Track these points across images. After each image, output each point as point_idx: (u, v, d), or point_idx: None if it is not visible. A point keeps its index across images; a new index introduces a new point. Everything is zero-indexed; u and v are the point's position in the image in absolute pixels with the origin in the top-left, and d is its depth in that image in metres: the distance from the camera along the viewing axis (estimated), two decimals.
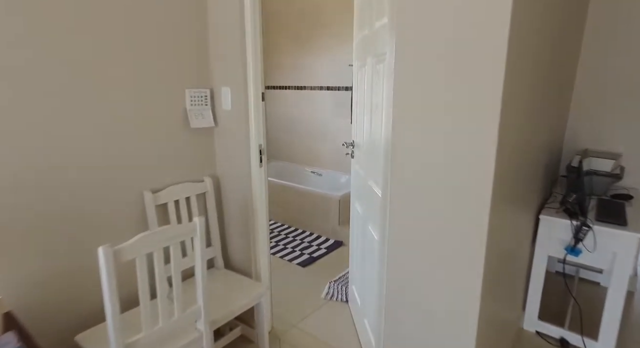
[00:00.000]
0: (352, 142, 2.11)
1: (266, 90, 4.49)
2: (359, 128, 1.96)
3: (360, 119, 1.93)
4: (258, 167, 1.84)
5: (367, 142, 1.79)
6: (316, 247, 3.23)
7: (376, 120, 1.59)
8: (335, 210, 3.29)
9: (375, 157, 1.63)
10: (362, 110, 1.86)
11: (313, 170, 4.20)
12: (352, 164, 2.15)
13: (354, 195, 2.13)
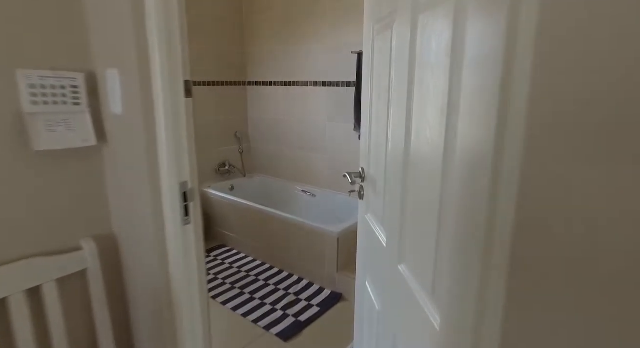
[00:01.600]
0: (360, 173, 1.21)
1: (246, 86, 3.59)
2: (377, 148, 1.06)
3: (378, 132, 1.02)
4: (180, 225, 0.94)
5: (396, 178, 0.88)
6: (305, 302, 2.32)
7: (435, 138, 0.68)
8: (332, 252, 2.38)
9: (429, 214, 0.72)
10: (386, 114, 0.95)
11: (305, 189, 3.29)
12: (361, 210, 1.25)
13: (365, 267, 1.22)
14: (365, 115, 1.17)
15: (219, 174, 3.47)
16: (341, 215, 3.01)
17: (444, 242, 0.61)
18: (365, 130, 1.18)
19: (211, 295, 2.40)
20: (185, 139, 0.91)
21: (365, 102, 1.15)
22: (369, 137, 1.13)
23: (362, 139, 1.21)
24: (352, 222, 2.46)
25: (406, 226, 0.80)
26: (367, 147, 1.15)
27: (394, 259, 0.86)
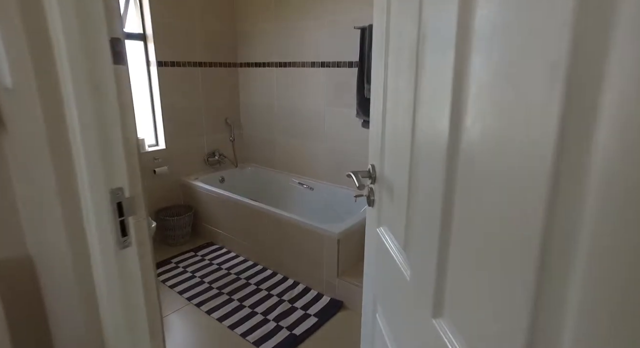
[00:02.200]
0: (369, 171, 0.91)
1: (237, 68, 3.26)
2: (395, 140, 0.76)
3: (398, 120, 0.73)
4: (112, 249, 0.65)
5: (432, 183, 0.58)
6: (301, 312, 2.06)
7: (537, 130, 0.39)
8: (331, 254, 2.10)
9: (507, 250, 0.43)
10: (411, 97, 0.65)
11: (301, 181, 3.00)
12: (370, 220, 0.95)
13: (375, 296, 0.93)
14: (377, 100, 0.88)
15: (207, 164, 3.17)
16: (341, 211, 2.73)
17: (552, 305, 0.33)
18: (376, 118, 0.89)
19: (195, 302, 2.13)
20: (118, 126, 0.62)
21: (377, 84, 0.86)
22: (382, 127, 0.84)
23: (372, 130, 0.92)
24: (354, 220, 2.18)
25: (452, 261, 0.51)
26: (378, 139, 0.86)
27: (425, 306, 0.57)
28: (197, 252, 2.73)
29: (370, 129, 0.93)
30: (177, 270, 2.47)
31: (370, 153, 0.93)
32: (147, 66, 2.72)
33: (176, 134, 2.91)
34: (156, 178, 2.82)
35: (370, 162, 0.94)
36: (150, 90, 2.78)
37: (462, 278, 0.49)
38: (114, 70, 0.60)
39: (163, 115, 2.80)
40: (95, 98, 0.58)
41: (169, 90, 2.79)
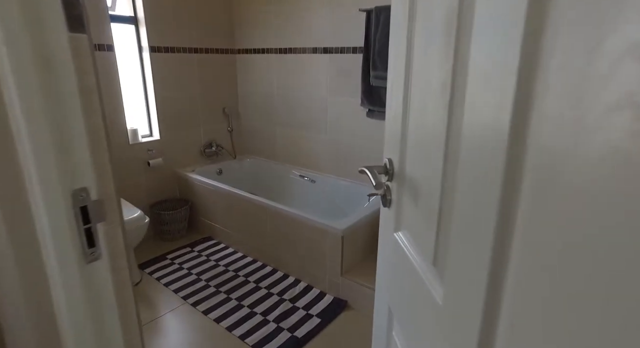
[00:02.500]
0: (386, 166, 0.79)
1: (235, 54, 3.11)
2: (420, 130, 0.64)
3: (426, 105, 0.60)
4: (75, 263, 0.52)
5: (483, 183, 0.46)
6: (303, 312, 1.95)
7: None
8: (335, 252, 1.99)
9: None
10: (448, 77, 0.52)
11: (303, 173, 2.87)
12: (385, 222, 0.83)
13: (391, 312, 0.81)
14: (397, 86, 0.75)
15: (204, 156, 3.04)
16: (344, 205, 2.61)
17: None
18: (395, 106, 0.76)
19: (191, 301, 2.02)
20: (78, 113, 0.49)
21: (397, 67, 0.73)
22: (403, 116, 0.70)
23: (390, 119, 0.79)
24: (359, 216, 2.06)
25: (510, 290, 0.38)
26: (397, 130, 0.73)
27: (465, 341, 0.45)
28: (193, 248, 2.61)
29: (387, 118, 0.80)
30: (172, 267, 2.36)
31: (387, 145, 0.80)
32: (139, 52, 2.57)
33: (171, 124, 2.77)
34: (150, 171, 2.70)
35: (386, 155, 0.81)
36: (143, 78, 2.64)
37: (522, 312, 0.37)
38: (70, 41, 0.47)
39: (157, 104, 2.66)
40: (44, 76, 0.45)
41: (163, 78, 2.65)
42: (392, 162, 0.77)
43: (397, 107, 0.73)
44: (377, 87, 2.28)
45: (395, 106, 0.74)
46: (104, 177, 0.55)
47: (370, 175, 0.72)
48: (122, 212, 1.81)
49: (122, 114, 2.46)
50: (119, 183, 2.51)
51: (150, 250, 2.57)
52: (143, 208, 2.67)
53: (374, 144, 2.44)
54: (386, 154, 0.81)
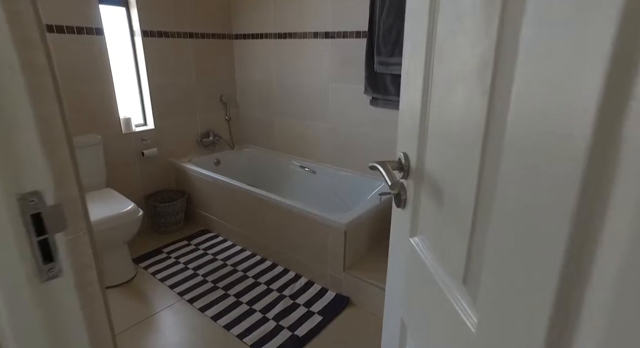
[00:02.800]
0: (400, 162, 0.68)
1: (232, 40, 2.97)
2: (444, 119, 0.53)
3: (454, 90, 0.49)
4: (27, 286, 0.43)
5: (531, 195, 0.36)
6: (304, 309, 1.87)
7: None
8: (337, 247, 1.90)
9: None
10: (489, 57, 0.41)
11: (303, 164, 2.77)
12: (399, 225, 0.73)
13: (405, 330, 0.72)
14: (416, 71, 0.64)
15: (201, 145, 2.94)
16: (346, 197, 2.52)
17: None
18: (411, 94, 0.65)
19: (188, 298, 1.94)
20: (21, 94, 0.39)
21: (416, 50, 0.62)
22: (422, 103, 0.60)
23: (405, 108, 0.68)
24: (362, 209, 1.96)
25: (584, 330, 0.29)
26: (416, 120, 0.63)
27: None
28: (190, 241, 2.53)
29: (402, 107, 0.70)
30: (168, 261, 2.28)
31: (401, 138, 0.70)
32: (130, 36, 2.45)
33: (166, 112, 2.66)
34: (145, 161, 2.59)
35: (400, 149, 0.71)
36: (136, 64, 2.51)
37: None
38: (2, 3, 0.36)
39: (151, 91, 2.54)
40: None
41: (156, 64, 2.52)
42: (408, 156, 0.67)
43: (415, 94, 0.63)
44: (381, 74, 2.16)
45: (413, 94, 0.64)
46: (63, 176, 0.45)
47: (383, 172, 0.62)
48: (114, 205, 1.71)
49: (114, 102, 2.35)
50: (112, 174, 2.43)
51: (145, 243, 2.49)
52: (137, 200, 2.58)
53: (377, 134, 2.33)
54: (400, 148, 0.70)
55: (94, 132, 2.29)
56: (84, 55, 2.15)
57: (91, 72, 2.20)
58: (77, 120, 2.20)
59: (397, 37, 2.03)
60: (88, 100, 2.22)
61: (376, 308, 1.84)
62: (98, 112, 2.29)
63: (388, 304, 0.80)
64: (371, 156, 2.41)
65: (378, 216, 2.08)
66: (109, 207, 1.97)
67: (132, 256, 2.31)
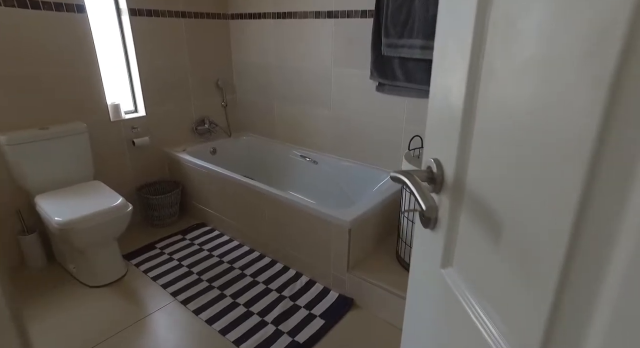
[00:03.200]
0: (430, 171, 0.53)
1: (228, 20, 2.78)
2: (519, 123, 0.38)
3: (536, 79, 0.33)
4: None
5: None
6: (305, 311, 1.75)
7: None
8: (341, 246, 1.77)
9: None
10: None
11: (304, 154, 2.62)
12: (422, 244, 0.58)
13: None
14: (455, 46, 0.49)
15: (196, 133, 2.78)
16: (349, 189, 2.38)
17: None
18: (448, 78, 0.50)
19: (181, 298, 1.82)
20: None
21: (457, 16, 0.46)
22: (466, 95, 0.45)
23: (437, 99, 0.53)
24: (367, 205, 1.82)
25: None
26: (453, 115, 0.48)
27: None
28: (185, 235, 2.40)
29: (433, 99, 0.54)
30: (161, 258, 2.15)
31: (431, 138, 0.55)
32: (117, 15, 2.25)
33: (158, 98, 2.49)
34: (136, 151, 2.44)
35: (429, 155, 0.55)
36: (124, 46, 2.33)
37: None
38: None
39: (141, 76, 2.36)
40: None
41: (146, 46, 2.34)
42: (442, 165, 0.52)
43: (455, 83, 0.47)
44: (389, 57, 1.99)
45: (451, 82, 0.48)
46: None
47: (413, 189, 0.47)
48: (101, 199, 1.52)
49: (100, 87, 2.18)
50: (100, 165, 2.28)
51: (138, 238, 2.36)
52: (129, 193, 2.44)
53: (384, 122, 2.17)
54: (430, 152, 0.55)
55: (79, 119, 2.13)
56: (64, 35, 1.97)
57: (73, 54, 2.02)
58: (59, 107, 2.04)
59: (407, 16, 1.85)
60: (71, 85, 2.05)
61: (382, 311, 1.72)
62: (83, 98, 2.12)
63: None
64: (377, 146, 2.25)
65: (384, 212, 1.94)
66: (95, 202, 1.83)
67: (123, 252, 2.19)
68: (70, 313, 1.73)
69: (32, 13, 1.84)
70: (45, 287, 1.90)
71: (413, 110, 2.04)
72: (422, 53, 1.84)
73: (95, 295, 1.85)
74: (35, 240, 2.01)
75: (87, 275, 1.91)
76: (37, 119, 1.97)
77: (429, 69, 1.87)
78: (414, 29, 1.84)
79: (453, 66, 0.48)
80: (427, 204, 0.44)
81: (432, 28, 1.77)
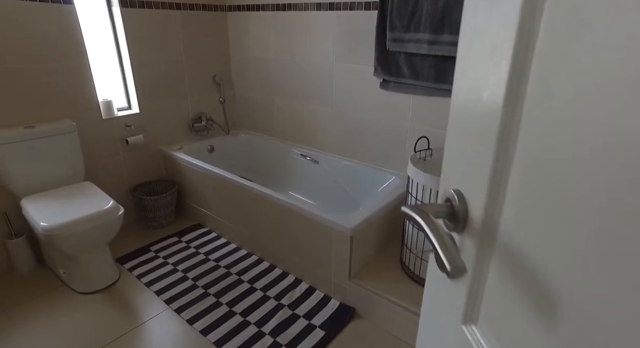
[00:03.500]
0: (451, 202, 0.43)
1: (226, 12, 2.65)
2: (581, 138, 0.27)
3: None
4: None
5: None
6: (305, 321, 1.67)
7: None
8: (343, 253, 1.67)
9: None
10: None
11: (304, 152, 2.52)
12: (437, 296, 0.48)
13: None
14: (491, 48, 0.37)
15: (193, 131, 2.67)
16: (351, 190, 2.28)
17: None
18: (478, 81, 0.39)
19: (175, 306, 1.74)
20: None
21: (498, 13, 0.35)
22: (503, 111, 0.35)
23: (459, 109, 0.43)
24: (371, 210, 1.72)
25: None
26: (486, 137, 0.37)
27: None
28: (181, 237, 2.31)
29: (453, 112, 0.44)
30: (155, 262, 2.07)
31: (451, 163, 0.45)
32: (108, 6, 2.14)
33: (153, 94, 2.38)
34: (130, 150, 2.35)
35: (448, 184, 0.45)
36: (116, 39, 2.22)
37: None
38: None
39: (134, 71, 2.26)
40: None
41: (139, 39, 2.23)
42: (465, 199, 0.42)
43: (488, 97, 0.37)
44: (394, 52, 1.87)
45: (479, 95, 0.38)
46: None
47: (432, 238, 0.37)
48: (91, 202, 1.40)
49: (90, 83, 2.08)
50: (91, 165, 2.18)
51: (132, 240, 2.28)
52: (123, 193, 2.35)
53: (388, 120, 2.06)
54: (450, 181, 0.45)
55: (68, 117, 2.03)
56: (50, 28, 1.86)
57: (61, 47, 1.92)
58: (47, 104, 1.94)
59: (414, 9, 1.73)
60: (58, 81, 1.95)
61: (386, 322, 1.63)
62: (72, 95, 2.02)
63: None
64: (381, 146, 2.15)
65: (387, 216, 1.84)
66: (84, 205, 1.74)
67: (116, 255, 2.11)
68: (58, 322, 1.65)
69: (15, 3, 1.74)
70: (33, 293, 1.82)
71: (419, 109, 1.93)
72: (429, 48, 1.72)
73: (86, 302, 1.77)
74: (23, 243, 1.93)
75: (77, 281, 1.83)
76: (22, 117, 1.88)
77: (436, 65, 1.75)
78: (421, 23, 1.72)
79: (484, 75, 0.38)
80: (453, 265, 0.34)
81: (441, 21, 1.65)
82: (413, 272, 1.69)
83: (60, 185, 1.96)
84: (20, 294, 1.82)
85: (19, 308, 1.73)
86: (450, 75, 1.73)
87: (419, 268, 1.67)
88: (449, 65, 1.72)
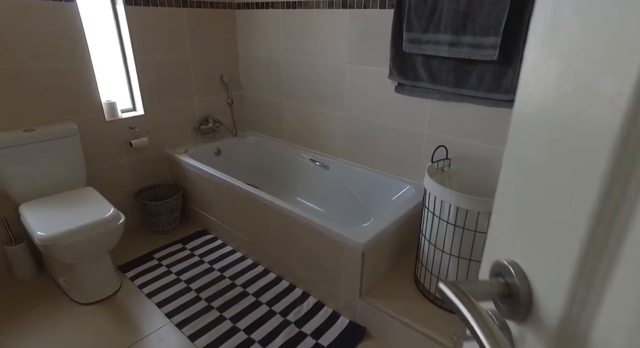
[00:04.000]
0: (503, 279, 0.32)
1: (234, 10, 2.56)
2: None
3: None
4: None
5: None
6: (312, 340, 1.57)
7: None
8: (353, 270, 1.57)
9: None
10: None
11: (314, 157, 2.41)
12: None
13: None
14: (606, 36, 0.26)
15: (199, 133, 2.59)
16: (363, 198, 2.17)
17: None
18: (557, 96, 0.29)
19: (177, 321, 1.66)
20: None
21: None
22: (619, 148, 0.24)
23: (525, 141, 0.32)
24: (384, 223, 1.62)
25: None
26: (574, 188, 0.27)
27: None
28: (185, 244, 2.24)
29: (512, 138, 0.33)
30: (158, 270, 2.00)
31: (501, 217, 0.34)
32: (112, 4, 2.06)
33: (158, 95, 2.30)
34: (133, 153, 2.27)
35: (498, 250, 0.35)
36: (120, 38, 2.14)
37: None
38: None
39: (139, 71, 2.18)
40: None
41: (144, 38, 2.15)
42: (528, 277, 0.31)
43: (597, 102, 0.26)
44: (410, 54, 1.76)
45: (576, 100, 0.27)
46: None
47: (480, 335, 0.27)
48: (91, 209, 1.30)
49: (93, 84, 2.00)
50: (94, 169, 2.11)
51: (135, 246, 2.20)
52: (126, 198, 2.28)
53: (403, 126, 1.95)
54: (501, 248, 0.34)
55: (70, 119, 1.96)
56: (51, 26, 1.78)
57: (62, 47, 1.84)
58: (47, 106, 1.87)
59: (433, 8, 1.61)
60: (59, 82, 1.88)
61: (398, 344, 1.52)
62: (74, 96, 1.94)
63: None
64: (395, 153, 2.03)
65: (402, 230, 1.73)
66: (83, 213, 1.67)
67: (118, 263, 2.04)
68: (54, 335, 1.58)
69: (14, 1, 1.66)
70: (32, 302, 1.76)
71: (436, 115, 1.81)
72: (449, 50, 1.60)
73: (85, 313, 1.70)
74: (23, 250, 1.87)
75: (77, 291, 1.76)
76: (21, 119, 1.81)
77: (456, 69, 1.63)
78: (441, 23, 1.60)
79: (590, 78, 0.27)
80: (479, 317, 0.24)
81: (463, 21, 1.53)
82: (428, 291, 1.58)
83: (61, 190, 1.89)
84: (18, 303, 1.76)
85: (17, 317, 1.66)
86: (471, 80, 1.61)
87: (434, 286, 1.56)
88: (470, 69, 1.60)
